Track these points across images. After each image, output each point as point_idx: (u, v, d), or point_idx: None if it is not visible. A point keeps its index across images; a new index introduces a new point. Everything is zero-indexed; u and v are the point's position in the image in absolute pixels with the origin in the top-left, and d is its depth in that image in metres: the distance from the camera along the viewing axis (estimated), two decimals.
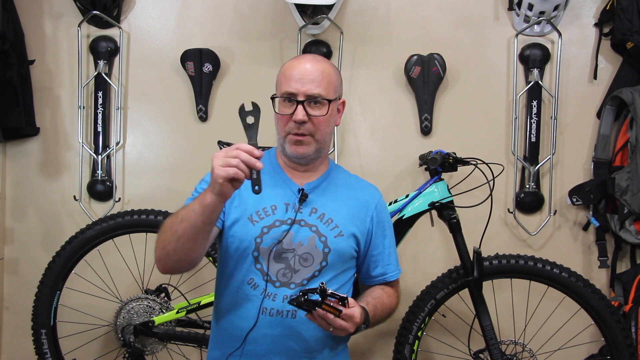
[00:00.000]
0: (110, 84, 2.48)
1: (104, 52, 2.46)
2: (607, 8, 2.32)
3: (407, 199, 2.03)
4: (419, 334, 2.01)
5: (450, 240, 2.01)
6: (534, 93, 2.38)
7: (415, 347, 2.01)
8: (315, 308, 1.28)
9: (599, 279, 2.37)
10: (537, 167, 2.37)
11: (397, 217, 2.02)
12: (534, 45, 2.39)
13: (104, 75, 2.46)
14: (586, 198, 2.30)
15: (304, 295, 1.28)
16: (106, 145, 2.49)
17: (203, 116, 2.46)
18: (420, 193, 2.03)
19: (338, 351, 1.53)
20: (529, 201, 2.39)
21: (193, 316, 2.14)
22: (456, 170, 2.02)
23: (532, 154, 2.39)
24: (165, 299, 2.19)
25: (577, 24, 2.40)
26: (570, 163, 2.41)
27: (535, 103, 2.38)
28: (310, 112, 1.45)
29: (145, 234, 2.21)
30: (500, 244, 2.34)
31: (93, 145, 2.49)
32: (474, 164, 1.98)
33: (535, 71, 2.37)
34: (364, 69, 2.44)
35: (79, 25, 2.43)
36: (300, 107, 1.43)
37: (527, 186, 2.39)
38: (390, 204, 2.03)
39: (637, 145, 2.22)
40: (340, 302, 1.31)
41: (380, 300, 1.52)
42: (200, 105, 2.45)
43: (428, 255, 2.41)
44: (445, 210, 2.00)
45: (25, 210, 2.52)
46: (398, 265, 1.62)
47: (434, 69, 2.35)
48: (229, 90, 2.48)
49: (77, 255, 2.16)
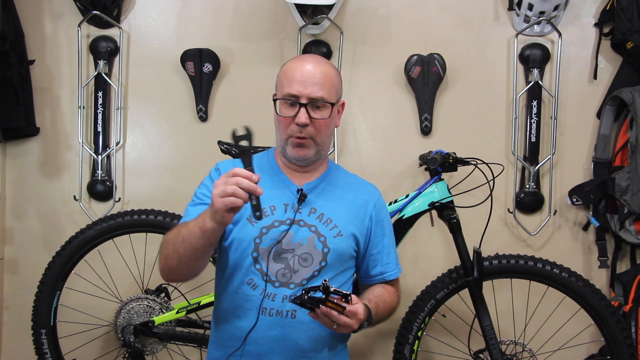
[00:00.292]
0: (110, 84, 2.48)
1: (104, 52, 2.46)
2: (607, 8, 2.32)
3: (407, 199, 2.03)
4: (419, 334, 2.01)
5: (450, 240, 2.01)
6: (534, 93, 2.38)
7: (415, 347, 2.01)
8: (319, 305, 1.27)
9: (599, 279, 2.37)
10: (537, 167, 2.37)
11: (397, 217, 2.02)
12: (534, 45, 2.39)
13: (104, 75, 2.46)
14: (586, 198, 2.30)
15: (307, 293, 1.28)
16: (106, 145, 2.49)
17: (203, 116, 2.46)
18: (420, 193, 2.03)
19: (338, 351, 1.53)
20: (529, 201, 2.39)
21: (193, 316, 2.14)
22: (456, 170, 2.02)
23: (532, 154, 2.39)
24: (165, 299, 2.19)
25: (577, 24, 2.40)
26: (570, 163, 2.41)
27: (535, 103, 2.38)
28: (313, 115, 1.44)
29: (145, 234, 2.22)
30: (500, 244, 2.34)
31: (93, 145, 2.49)
32: (474, 164, 1.98)
33: (535, 71, 2.37)
34: (364, 69, 2.45)
35: (79, 25, 2.43)
36: (303, 110, 1.43)
37: (527, 186, 2.39)
38: (390, 204, 2.03)
39: (637, 145, 2.22)
40: (343, 299, 1.30)
41: (382, 298, 1.52)
42: (200, 105, 2.45)
43: (428, 255, 2.41)
44: (445, 210, 2.00)
45: (25, 210, 2.52)
46: (398, 265, 1.62)
47: (434, 69, 2.35)
48: (229, 90, 2.48)
49: (77, 255, 2.16)
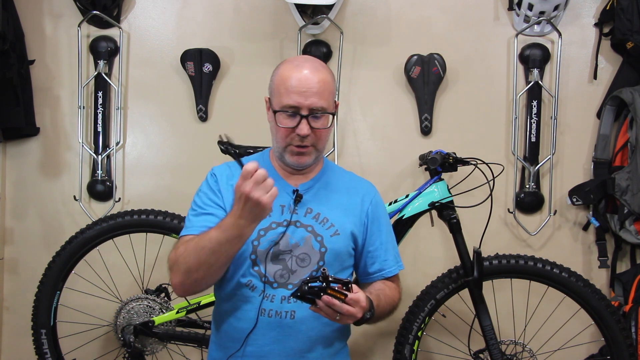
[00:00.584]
0: (110, 84, 2.48)
1: (104, 52, 2.46)
2: (607, 8, 2.32)
3: (407, 199, 2.03)
4: (419, 334, 2.01)
5: (450, 240, 2.01)
6: (534, 93, 2.38)
7: (415, 347, 2.01)
8: (321, 295, 1.23)
9: (599, 279, 2.37)
10: (537, 167, 2.37)
11: (397, 217, 2.02)
12: (534, 45, 2.39)
13: (104, 75, 2.46)
14: (586, 198, 2.30)
15: (306, 284, 1.24)
16: (106, 145, 2.49)
17: (203, 116, 2.46)
18: (420, 193, 2.03)
19: (338, 350, 1.53)
20: (529, 201, 2.39)
21: (193, 316, 2.14)
22: (456, 170, 2.02)
23: (532, 154, 2.39)
24: (165, 299, 2.19)
25: (577, 24, 2.40)
26: (570, 163, 2.41)
27: (535, 103, 2.38)
28: (313, 124, 1.43)
29: (145, 234, 2.22)
30: (500, 244, 2.34)
31: (93, 145, 2.49)
32: (474, 164, 1.98)
33: (535, 71, 2.37)
34: (364, 69, 2.44)
35: (79, 25, 2.43)
36: (304, 122, 1.42)
37: (527, 186, 2.39)
38: (390, 204, 2.03)
39: (637, 145, 2.22)
40: (344, 287, 1.27)
41: (383, 292, 1.51)
42: (200, 105, 2.45)
43: (428, 255, 2.41)
44: (445, 210, 2.00)
45: (25, 210, 2.52)
46: (398, 261, 1.60)
47: (434, 69, 2.35)
48: (229, 90, 2.48)
49: (77, 255, 2.16)
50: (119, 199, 2.48)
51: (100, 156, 2.46)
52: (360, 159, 2.45)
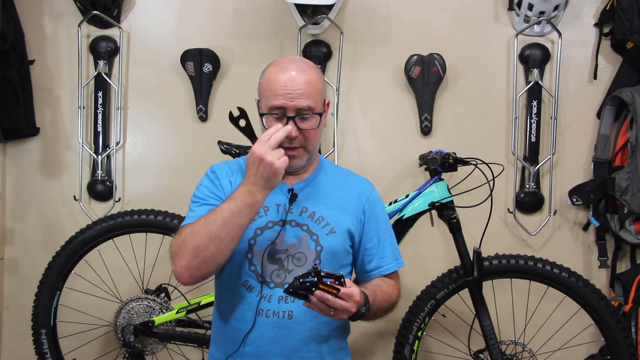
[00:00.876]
0: (110, 84, 2.48)
1: (104, 52, 2.46)
2: (607, 8, 2.32)
3: (407, 199, 2.03)
4: (419, 334, 2.01)
5: (450, 240, 2.01)
6: (534, 93, 2.38)
7: (415, 347, 2.01)
8: (313, 290, 1.22)
9: (599, 279, 2.37)
10: (537, 167, 2.37)
11: (397, 217, 2.02)
12: (534, 45, 2.39)
13: (104, 75, 2.46)
14: (586, 198, 2.30)
15: (298, 280, 1.23)
16: (106, 145, 2.49)
17: (203, 116, 2.46)
18: (420, 193, 2.03)
19: (338, 349, 1.53)
20: (529, 201, 2.39)
21: (193, 316, 2.14)
22: (456, 170, 2.02)
23: (532, 154, 2.39)
24: (165, 299, 2.19)
25: (577, 24, 2.40)
26: (570, 163, 2.41)
27: (535, 103, 2.38)
28: (301, 125, 1.42)
29: (145, 234, 2.22)
30: (500, 244, 2.34)
31: (93, 145, 2.49)
32: (474, 164, 1.98)
33: (535, 71, 2.37)
34: (364, 69, 2.44)
35: (79, 25, 2.43)
36: (290, 123, 1.41)
37: (527, 186, 2.39)
38: (390, 203, 2.03)
39: (637, 145, 2.22)
40: (336, 282, 1.26)
41: (380, 288, 1.49)
42: (200, 105, 2.45)
43: (428, 255, 2.41)
44: (445, 210, 2.00)
45: (25, 210, 2.52)
46: (397, 258, 1.59)
47: (434, 69, 2.35)
48: (229, 90, 2.48)
49: (77, 255, 2.16)
50: (119, 199, 2.48)
51: (100, 156, 2.46)
52: (360, 159, 2.45)
